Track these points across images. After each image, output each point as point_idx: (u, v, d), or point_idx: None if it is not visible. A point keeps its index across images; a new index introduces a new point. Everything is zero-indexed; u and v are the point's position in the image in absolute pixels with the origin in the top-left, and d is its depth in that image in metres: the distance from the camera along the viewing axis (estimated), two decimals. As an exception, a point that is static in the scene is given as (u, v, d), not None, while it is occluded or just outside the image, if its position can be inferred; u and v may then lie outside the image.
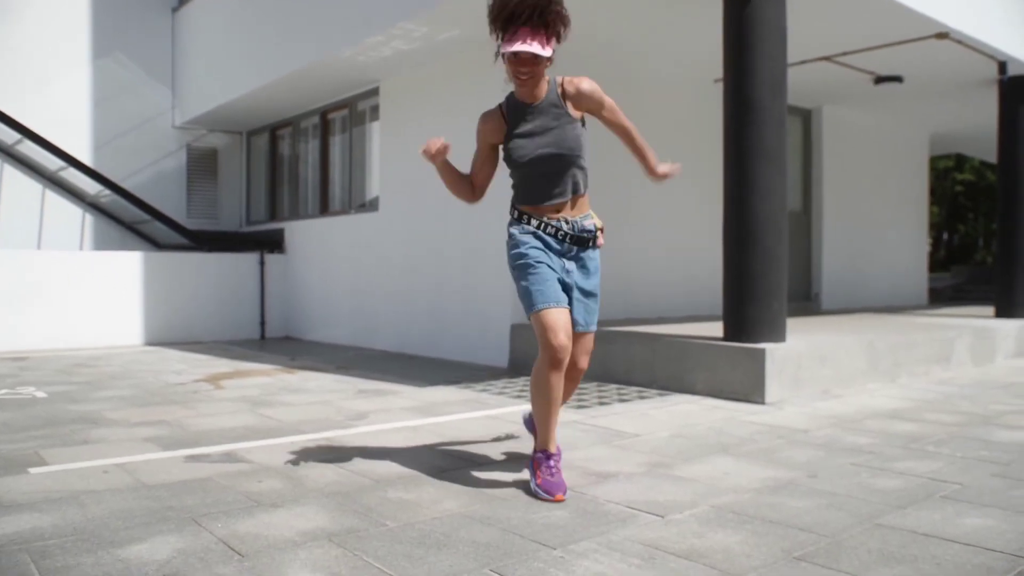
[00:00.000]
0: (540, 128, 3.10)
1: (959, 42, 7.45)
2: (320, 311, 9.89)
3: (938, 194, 30.03)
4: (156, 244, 10.78)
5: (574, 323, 3.16)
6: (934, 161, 23.44)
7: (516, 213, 3.20)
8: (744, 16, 5.43)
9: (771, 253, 5.42)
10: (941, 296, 15.49)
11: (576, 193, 3.15)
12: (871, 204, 11.10)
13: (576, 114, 3.15)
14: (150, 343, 9.49)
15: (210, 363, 7.60)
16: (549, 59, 3.05)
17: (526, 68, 3.01)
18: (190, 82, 10.86)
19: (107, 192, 10.33)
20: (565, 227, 3.13)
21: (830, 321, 8.07)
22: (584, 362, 3.29)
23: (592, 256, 3.22)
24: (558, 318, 3.02)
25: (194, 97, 10.73)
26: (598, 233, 3.22)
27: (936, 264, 28.58)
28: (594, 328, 3.25)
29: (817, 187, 10.28)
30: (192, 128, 11.31)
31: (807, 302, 10.09)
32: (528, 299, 3.07)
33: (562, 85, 3.15)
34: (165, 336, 9.61)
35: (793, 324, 6.90)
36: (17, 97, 9.95)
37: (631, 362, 6.01)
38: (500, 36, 3.02)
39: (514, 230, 3.18)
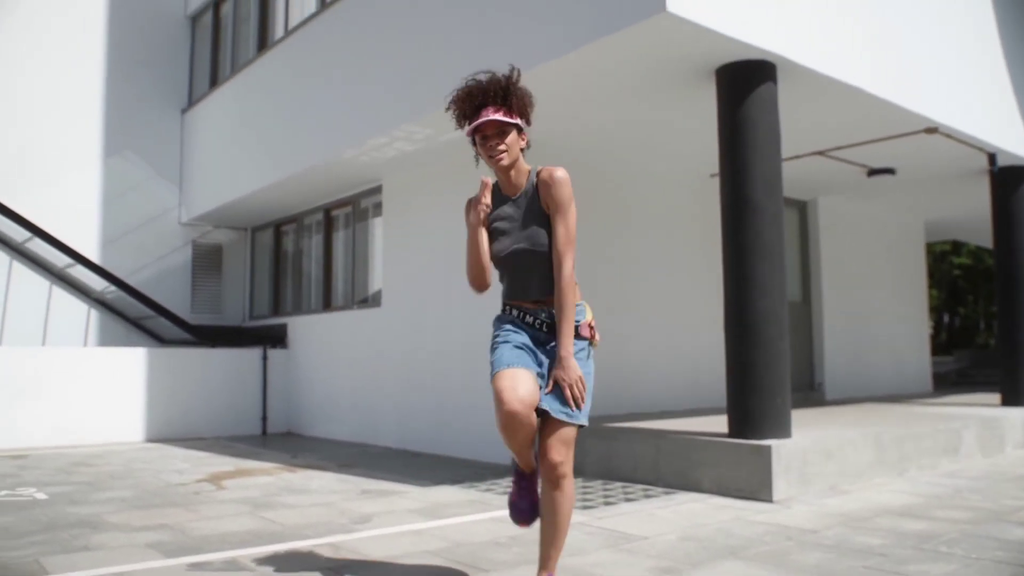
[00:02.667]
0: (516, 223, 2.98)
1: (949, 136, 7.64)
2: (322, 406, 9.85)
3: (936, 277, 30.21)
4: (160, 339, 10.81)
5: (548, 409, 2.87)
6: (930, 246, 23.69)
7: (502, 304, 3.13)
8: (737, 118, 5.60)
9: (773, 348, 5.45)
10: (945, 381, 15.43)
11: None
12: (870, 291, 11.18)
13: (547, 211, 2.96)
14: (151, 439, 9.42)
15: (211, 461, 7.54)
16: (523, 136, 2.97)
17: (495, 141, 2.90)
18: (197, 180, 11.09)
19: (113, 288, 10.43)
20: (543, 316, 2.99)
21: (834, 412, 8.03)
22: (557, 454, 2.84)
23: (576, 344, 2.93)
24: (510, 375, 2.84)
25: (201, 195, 10.94)
26: (583, 324, 2.97)
27: (938, 347, 28.53)
28: (574, 419, 2.87)
29: (816, 276, 10.37)
30: (198, 224, 11.49)
31: (810, 392, 10.06)
32: (490, 371, 2.97)
33: (539, 174, 2.99)
34: (166, 432, 9.55)
35: (797, 416, 6.86)
36: (27, 193, 10.13)
37: (636, 459, 5.96)
38: (469, 125, 2.96)
39: (497, 320, 3.14)
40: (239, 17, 10.64)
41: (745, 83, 5.61)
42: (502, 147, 2.91)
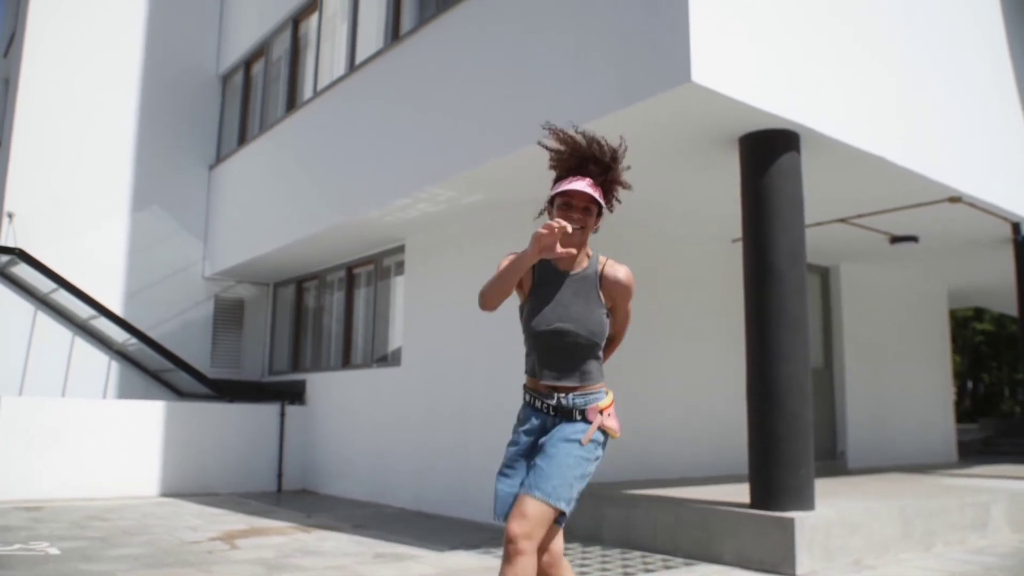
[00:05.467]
0: (567, 300, 2.78)
1: (972, 205, 7.62)
2: (338, 465, 9.78)
3: (959, 343, 29.86)
4: (179, 392, 10.83)
5: (521, 484, 2.71)
6: (953, 312, 23.50)
7: (525, 385, 2.91)
8: (761, 186, 5.62)
9: (796, 418, 5.38)
10: (969, 449, 15.14)
11: (584, 382, 2.79)
12: (893, 358, 11.04)
13: (606, 302, 2.87)
14: (166, 494, 9.37)
15: (225, 518, 7.48)
16: (597, 221, 2.84)
17: (578, 215, 2.76)
18: (222, 235, 11.23)
19: (134, 340, 10.49)
20: (554, 401, 2.79)
21: (858, 483, 7.88)
22: (516, 525, 2.56)
23: (574, 427, 2.74)
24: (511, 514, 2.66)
25: (225, 250, 11.07)
26: (593, 408, 2.77)
27: (962, 414, 28.08)
28: (537, 495, 2.61)
29: (838, 343, 10.28)
30: (221, 279, 11.60)
31: (832, 460, 9.89)
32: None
33: (604, 266, 2.88)
34: (180, 487, 9.49)
35: (820, 486, 6.72)
36: (55, 245, 10.30)
37: (655, 528, 5.86)
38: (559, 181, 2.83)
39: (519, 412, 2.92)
40: (269, 77, 10.89)
41: (769, 152, 5.65)
42: (579, 220, 2.77)
